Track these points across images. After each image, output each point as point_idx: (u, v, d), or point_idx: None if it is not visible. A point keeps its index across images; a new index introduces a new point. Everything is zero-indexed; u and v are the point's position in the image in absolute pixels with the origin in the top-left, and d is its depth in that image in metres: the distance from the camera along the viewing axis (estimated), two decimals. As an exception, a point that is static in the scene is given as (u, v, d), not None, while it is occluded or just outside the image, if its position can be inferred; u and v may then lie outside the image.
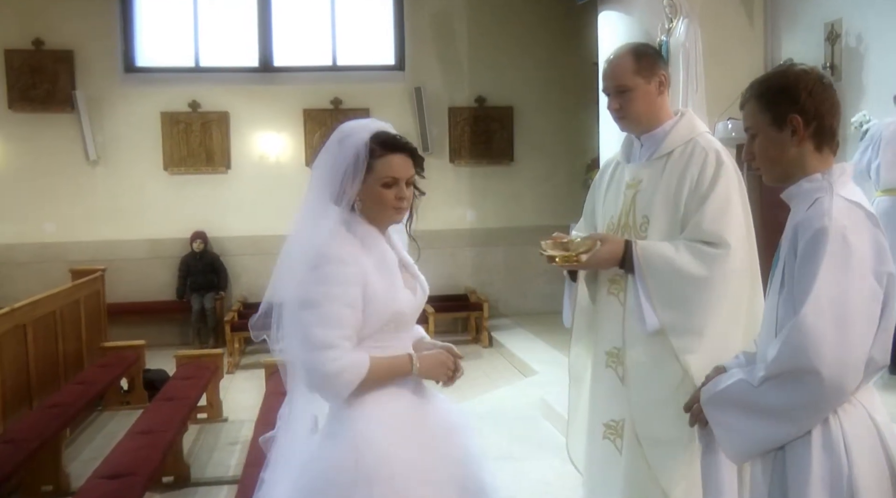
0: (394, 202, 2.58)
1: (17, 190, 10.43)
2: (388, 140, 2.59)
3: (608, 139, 7.60)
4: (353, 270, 2.49)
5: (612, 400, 3.18)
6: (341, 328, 2.46)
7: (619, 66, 3.11)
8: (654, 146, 3.15)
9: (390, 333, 2.58)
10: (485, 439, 5.95)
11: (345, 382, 2.47)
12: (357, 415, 2.52)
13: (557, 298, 11.79)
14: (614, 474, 3.14)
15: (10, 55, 10.37)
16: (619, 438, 3.15)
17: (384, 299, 2.53)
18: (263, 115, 10.74)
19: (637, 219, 3.14)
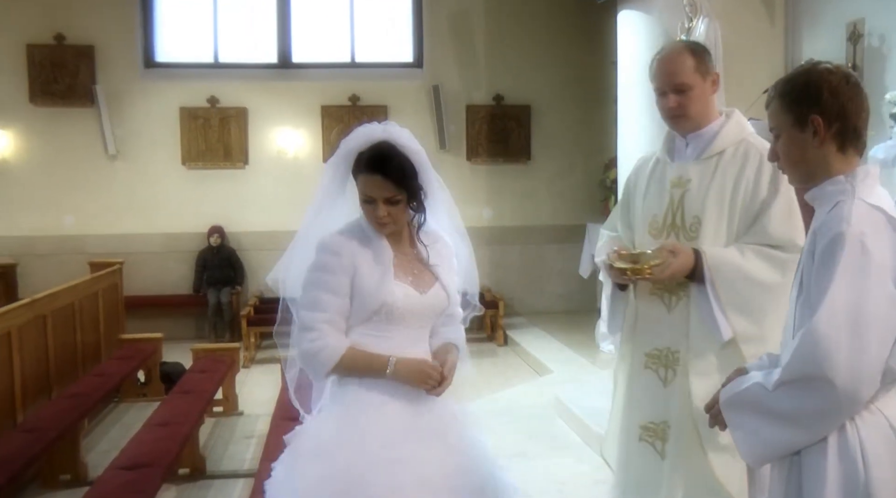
0: (372, 218, 2.72)
1: (38, 183, 10.52)
2: (370, 158, 2.68)
3: (626, 138, 7.58)
4: (343, 261, 2.69)
5: (651, 402, 3.12)
6: (323, 312, 2.68)
7: (678, 63, 3.03)
8: (702, 145, 3.08)
9: (382, 323, 2.72)
10: (499, 437, 6.00)
11: (321, 362, 2.69)
12: (346, 392, 2.74)
13: (572, 297, 11.85)
14: (652, 478, 3.09)
15: (32, 50, 10.45)
16: (658, 441, 3.09)
17: (371, 291, 2.68)
18: (281, 111, 10.77)
19: (686, 219, 3.07)
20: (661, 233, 3.12)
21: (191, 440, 5.47)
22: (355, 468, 2.60)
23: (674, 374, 3.07)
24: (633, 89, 7.38)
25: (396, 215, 2.70)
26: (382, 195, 2.66)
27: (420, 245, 2.81)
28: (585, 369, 8.10)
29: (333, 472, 2.60)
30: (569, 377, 7.71)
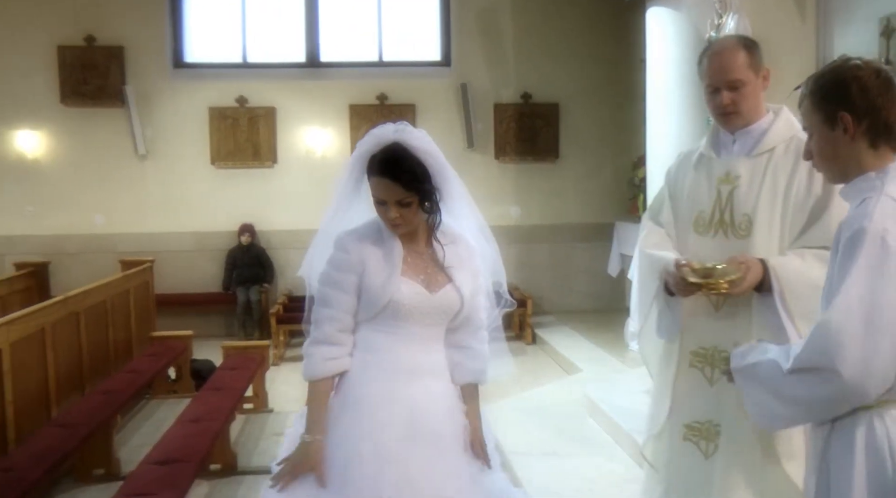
0: (385, 219, 2.76)
1: (69, 182, 10.63)
2: (381, 161, 2.70)
3: (654, 136, 7.53)
4: (352, 258, 2.75)
5: (697, 401, 3.08)
6: (330, 308, 2.77)
7: (731, 59, 2.98)
8: (751, 142, 3.03)
9: (390, 320, 2.76)
10: (530, 436, 6.00)
11: (306, 364, 2.79)
12: (345, 386, 2.80)
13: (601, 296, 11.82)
14: (697, 478, 3.06)
15: (63, 51, 10.56)
16: (703, 441, 3.06)
17: (378, 287, 2.73)
18: (310, 111, 10.80)
19: (736, 217, 3.02)
20: (707, 229, 3.08)
21: (222, 436, 5.51)
22: (339, 461, 2.67)
23: (720, 373, 2.97)
24: (662, 87, 7.33)
25: (408, 217, 2.73)
26: (393, 198, 2.69)
27: (436, 245, 2.82)
28: (615, 368, 8.07)
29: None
30: (598, 376, 7.68)
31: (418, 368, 2.79)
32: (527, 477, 5.23)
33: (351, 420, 2.72)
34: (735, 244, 3.01)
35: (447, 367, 2.88)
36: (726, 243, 3.03)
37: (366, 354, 2.80)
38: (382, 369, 2.76)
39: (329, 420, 2.75)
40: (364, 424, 2.70)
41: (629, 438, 5.54)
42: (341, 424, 2.73)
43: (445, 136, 10.85)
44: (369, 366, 2.78)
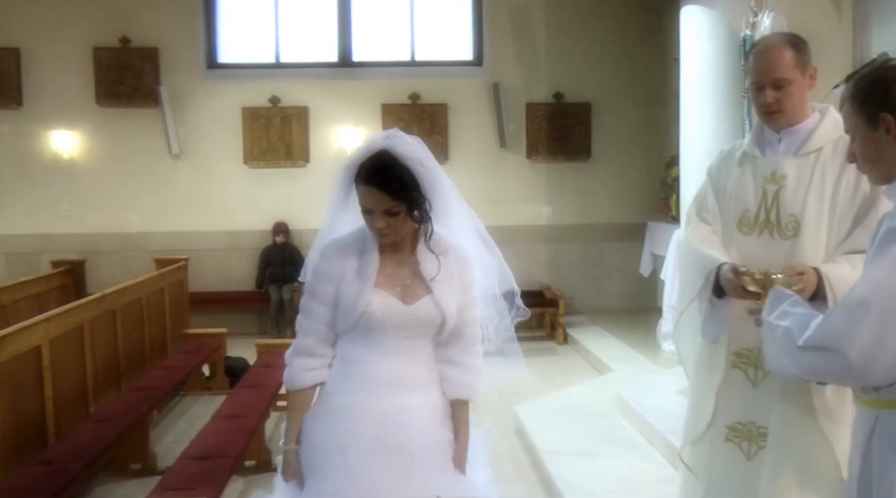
0: (371, 228, 2.71)
1: (103, 182, 10.76)
2: (367, 169, 2.65)
3: (688, 136, 7.48)
4: (332, 269, 2.74)
5: (739, 402, 3.05)
6: (310, 319, 2.77)
7: (778, 58, 2.94)
8: (797, 142, 3.00)
9: (365, 333, 2.73)
10: (563, 435, 5.98)
11: (287, 373, 2.80)
12: (325, 394, 2.79)
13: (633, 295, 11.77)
14: (739, 479, 3.03)
15: (98, 53, 10.69)
16: (745, 442, 3.04)
17: (350, 300, 2.70)
18: (342, 110, 10.83)
19: (782, 217, 2.99)
20: (752, 229, 3.05)
21: (257, 433, 5.55)
22: (313, 469, 2.71)
23: (764, 375, 2.98)
24: (696, 86, 7.30)
25: (396, 226, 2.68)
26: (380, 207, 2.64)
27: (420, 256, 2.76)
28: (647, 368, 8.03)
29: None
30: (630, 376, 7.64)
31: (395, 381, 2.74)
32: (560, 476, 5.22)
33: (323, 430, 2.71)
34: (781, 245, 2.99)
35: (434, 381, 2.82)
36: (772, 244, 3.00)
37: (343, 365, 2.77)
38: (357, 382, 2.73)
39: (307, 428, 2.75)
40: (335, 435, 2.69)
41: (662, 439, 5.51)
42: (315, 432, 2.73)
43: (477, 135, 10.89)
44: (346, 377, 2.75)
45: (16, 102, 10.68)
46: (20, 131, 10.71)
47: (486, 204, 10.83)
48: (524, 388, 7.92)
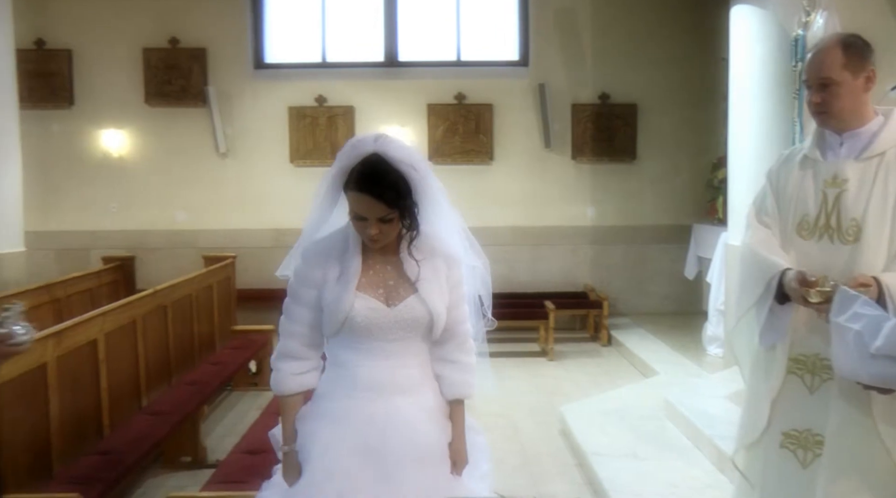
0: (362, 234, 2.63)
1: (152, 180, 10.92)
2: (361, 176, 2.54)
3: (736, 137, 7.42)
4: (314, 273, 2.68)
5: (795, 409, 3.03)
6: (293, 323, 2.73)
7: (825, 58, 2.93)
8: (860, 145, 2.97)
9: (351, 336, 2.68)
10: (609, 437, 5.96)
11: (274, 378, 2.77)
12: (320, 396, 2.77)
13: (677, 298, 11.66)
14: (794, 487, 3.01)
15: (148, 53, 10.85)
16: (801, 449, 3.02)
17: (332, 304, 2.64)
18: (388, 110, 10.88)
19: (843, 222, 2.95)
20: (812, 234, 3.02)
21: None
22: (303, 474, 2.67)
23: (821, 381, 2.96)
24: (746, 87, 7.23)
25: (389, 232, 2.62)
26: (374, 215, 2.56)
27: (405, 256, 2.70)
28: (692, 372, 7.97)
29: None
30: (676, 380, 7.59)
31: (385, 384, 2.68)
32: (607, 478, 5.20)
33: (309, 431, 2.69)
34: (841, 250, 2.95)
35: (428, 381, 2.78)
36: (832, 248, 2.97)
37: (333, 368, 2.75)
38: (346, 386, 2.69)
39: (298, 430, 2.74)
40: (319, 437, 2.66)
41: (710, 444, 5.47)
42: (302, 434, 2.70)
43: (522, 136, 10.88)
44: (334, 381, 2.72)
45: (67, 102, 10.88)
46: (71, 130, 10.91)
47: (530, 204, 10.86)
48: (571, 388, 7.93)
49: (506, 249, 10.75)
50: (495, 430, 6.71)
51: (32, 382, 4.38)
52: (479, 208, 10.48)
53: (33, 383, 4.39)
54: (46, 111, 10.78)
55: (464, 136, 10.85)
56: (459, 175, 10.54)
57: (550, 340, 9.35)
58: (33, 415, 4.39)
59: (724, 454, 5.11)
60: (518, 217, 10.87)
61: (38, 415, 4.44)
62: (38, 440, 4.41)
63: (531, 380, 8.37)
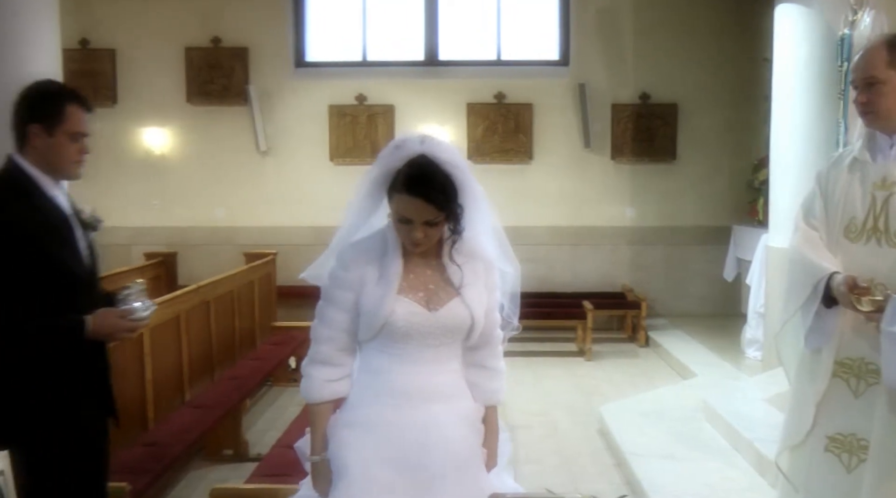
0: (406, 238, 2.55)
1: (193, 177, 11.05)
2: (411, 178, 2.47)
3: (779, 138, 7.35)
4: (351, 275, 2.58)
5: (841, 413, 3.02)
6: (327, 327, 2.63)
7: (871, 57, 2.93)
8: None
9: (390, 341, 2.58)
10: (647, 438, 5.96)
11: (306, 385, 2.67)
12: (351, 406, 2.65)
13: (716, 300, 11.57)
14: (838, 491, 3.00)
15: (190, 53, 10.98)
16: (845, 454, 3.01)
17: (372, 307, 2.55)
18: (428, 109, 10.91)
19: (891, 224, 2.94)
20: (859, 236, 3.01)
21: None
22: (339, 485, 2.56)
23: (866, 386, 2.95)
24: (790, 87, 7.16)
25: (433, 236, 2.56)
26: (422, 218, 2.48)
27: (446, 260, 2.63)
28: (731, 374, 7.94)
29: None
30: (714, 382, 7.56)
31: (422, 391, 2.60)
32: (646, 478, 5.20)
33: (345, 442, 2.58)
34: (889, 253, 2.93)
35: (462, 387, 2.70)
36: (879, 252, 2.95)
37: (367, 375, 2.65)
38: (381, 393, 2.60)
39: (330, 439, 2.63)
40: (356, 447, 2.56)
41: (749, 446, 5.44)
42: (338, 444, 2.59)
43: (562, 135, 10.87)
44: (370, 388, 2.62)
45: (111, 101, 11.03)
46: (115, 128, 11.04)
47: (569, 204, 10.84)
48: (608, 388, 7.92)
49: (544, 249, 10.75)
50: (534, 428, 6.73)
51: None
52: (518, 208, 10.49)
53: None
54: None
55: (503, 136, 10.86)
56: (498, 175, 10.56)
57: (588, 341, 9.34)
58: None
59: (764, 457, 5.10)
60: (557, 217, 10.86)
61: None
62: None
63: (569, 379, 8.36)
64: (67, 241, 3.02)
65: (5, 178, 2.97)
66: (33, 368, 2.90)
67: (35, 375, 2.90)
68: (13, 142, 3.00)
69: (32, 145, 2.96)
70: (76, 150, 3.04)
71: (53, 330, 2.91)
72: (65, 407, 2.97)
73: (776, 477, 4.48)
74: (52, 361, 2.92)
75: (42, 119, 2.96)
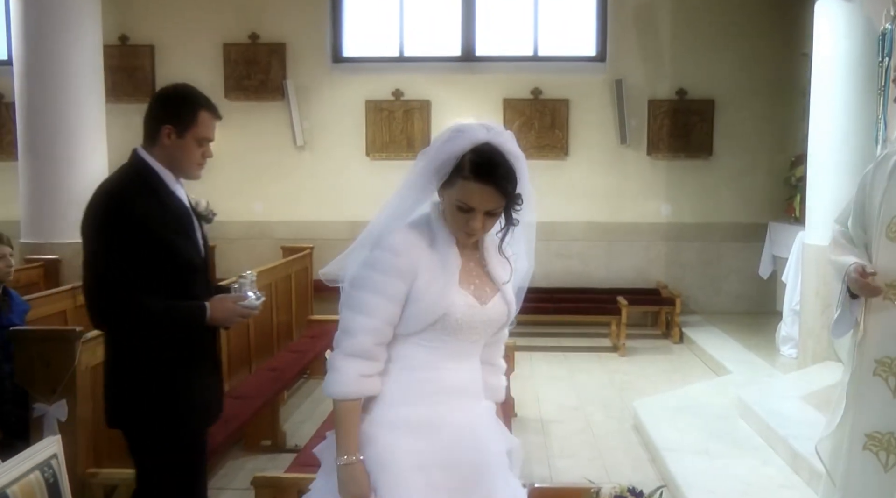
0: (463, 227, 2.43)
1: (231, 172, 11.12)
2: (480, 165, 2.35)
3: (817, 134, 7.30)
4: (404, 263, 2.39)
5: (880, 411, 3.04)
6: (370, 317, 2.39)
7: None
8: None
9: (438, 334, 2.44)
10: (681, 434, 5.97)
11: (335, 379, 2.41)
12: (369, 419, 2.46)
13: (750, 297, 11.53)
14: (875, 489, 3.02)
15: (228, 49, 11.10)
16: (883, 452, 3.02)
17: (433, 299, 2.39)
18: (464, 104, 10.92)
19: None
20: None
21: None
22: (384, 488, 2.41)
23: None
24: (829, 83, 7.11)
25: (490, 226, 2.47)
26: (486, 206, 2.39)
27: (487, 253, 2.56)
28: (766, 372, 7.90)
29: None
30: (748, 379, 7.54)
31: (460, 388, 2.51)
32: (680, 473, 5.21)
33: (397, 445, 2.42)
34: None
35: (482, 385, 2.63)
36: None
37: (404, 371, 2.47)
38: (424, 390, 2.47)
39: (370, 441, 2.43)
40: (411, 452, 2.41)
41: (784, 444, 5.43)
42: (387, 447, 2.42)
43: (598, 131, 10.85)
44: (412, 385, 2.47)
45: (149, 96, 11.11)
46: (154, 124, 11.21)
47: (604, 200, 10.83)
48: (643, 384, 7.92)
49: (580, 245, 10.76)
50: (569, 423, 6.76)
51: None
52: (554, 204, 10.50)
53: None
54: (129, 105, 11.04)
55: (539, 131, 10.86)
56: (534, 170, 10.26)
57: (622, 336, 9.34)
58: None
59: (798, 454, 5.10)
60: (593, 213, 10.85)
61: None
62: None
63: (603, 374, 8.37)
64: (188, 233, 3.22)
65: (133, 173, 3.17)
66: (160, 353, 3.09)
67: (161, 359, 3.09)
68: (143, 137, 3.20)
69: (162, 144, 3.17)
70: (201, 154, 3.25)
71: (180, 312, 3.09)
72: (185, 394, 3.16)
73: (810, 473, 4.49)
74: (176, 346, 3.11)
75: (176, 122, 3.16)
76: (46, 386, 3.84)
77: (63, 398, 3.80)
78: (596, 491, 3.31)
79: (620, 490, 3.24)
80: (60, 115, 8.01)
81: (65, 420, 3.78)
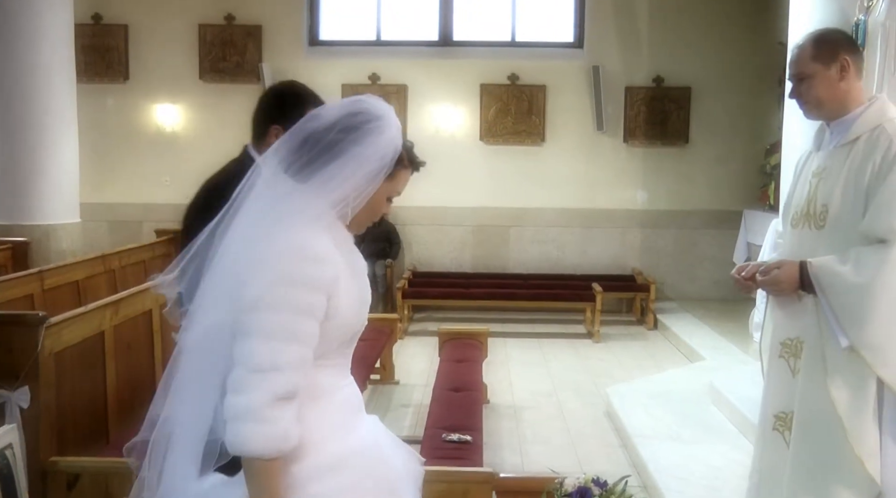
0: (373, 218, 2.20)
1: (204, 155, 10.99)
2: (411, 149, 2.17)
3: (791, 123, 7.31)
4: (327, 272, 1.97)
5: (783, 391, 3.12)
6: (302, 345, 1.93)
7: (798, 53, 3.04)
8: (842, 133, 3.03)
9: (341, 351, 2.11)
10: (654, 419, 6.00)
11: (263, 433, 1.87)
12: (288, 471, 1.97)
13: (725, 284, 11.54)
14: (780, 467, 3.09)
15: (204, 29, 11.00)
16: (787, 431, 3.08)
17: (351, 312, 2.05)
18: (441, 89, 10.91)
19: (817, 208, 3.04)
20: (798, 223, 3.13)
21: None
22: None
23: (799, 364, 3.06)
24: (804, 72, 7.12)
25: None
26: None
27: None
28: (739, 358, 7.95)
29: None
30: (721, 365, 7.60)
31: (359, 403, 2.22)
32: (652, 460, 5.23)
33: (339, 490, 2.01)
34: (815, 236, 3.04)
35: None
36: (809, 235, 3.07)
37: (315, 401, 2.01)
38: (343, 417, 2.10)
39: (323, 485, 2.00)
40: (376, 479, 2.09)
41: (755, 430, 5.45)
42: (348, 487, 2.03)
43: (575, 118, 10.85)
44: (327, 415, 2.05)
45: (123, 76, 11.08)
46: (126, 104, 11.10)
47: (580, 187, 10.84)
48: (617, 371, 7.95)
49: (555, 231, 10.77)
50: (541, 409, 6.77)
51: (91, 349, 4.49)
52: (530, 190, 10.51)
53: (92, 351, 4.50)
54: (102, 85, 10.98)
55: (516, 117, 10.84)
56: (510, 156, 10.56)
57: (597, 323, 9.36)
58: (92, 381, 4.50)
59: (770, 440, 5.12)
60: (568, 199, 10.85)
61: (96, 382, 4.54)
62: (96, 406, 4.52)
63: (577, 361, 8.40)
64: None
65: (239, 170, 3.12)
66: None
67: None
68: (251, 134, 3.29)
69: (268, 143, 3.08)
70: None
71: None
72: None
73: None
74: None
75: (284, 122, 3.06)
76: (9, 372, 3.76)
77: (25, 385, 3.73)
78: (560, 481, 3.32)
79: (585, 481, 3.25)
80: (30, 94, 7.89)
81: (27, 407, 3.71)
